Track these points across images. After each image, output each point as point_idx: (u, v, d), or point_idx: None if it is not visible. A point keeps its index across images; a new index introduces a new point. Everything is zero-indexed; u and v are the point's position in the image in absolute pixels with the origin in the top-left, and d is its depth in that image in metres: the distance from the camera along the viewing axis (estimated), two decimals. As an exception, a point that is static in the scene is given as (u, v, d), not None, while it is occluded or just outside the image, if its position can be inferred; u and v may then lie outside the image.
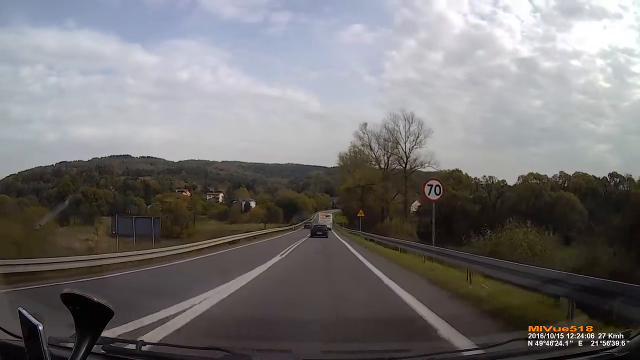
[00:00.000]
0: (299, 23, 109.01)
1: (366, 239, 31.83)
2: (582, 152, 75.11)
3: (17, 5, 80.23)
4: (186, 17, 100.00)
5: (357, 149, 57.87)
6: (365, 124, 55.97)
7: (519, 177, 55.44)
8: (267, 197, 74.58)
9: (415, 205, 53.18)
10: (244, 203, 72.26)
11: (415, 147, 52.74)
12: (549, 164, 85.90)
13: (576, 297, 5.22)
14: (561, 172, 55.15)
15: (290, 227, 55.91)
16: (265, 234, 38.05)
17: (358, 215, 42.08)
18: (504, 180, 56.76)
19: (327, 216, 57.08)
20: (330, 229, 45.70)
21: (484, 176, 57.74)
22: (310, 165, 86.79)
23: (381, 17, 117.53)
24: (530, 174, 54.50)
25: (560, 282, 5.77)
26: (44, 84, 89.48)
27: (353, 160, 59.29)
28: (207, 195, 74.74)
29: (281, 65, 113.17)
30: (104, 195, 60.96)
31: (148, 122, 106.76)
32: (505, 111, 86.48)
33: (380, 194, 53.22)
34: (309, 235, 35.68)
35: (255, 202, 72.03)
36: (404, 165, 53.98)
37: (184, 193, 68.02)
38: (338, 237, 39.28)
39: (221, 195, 75.29)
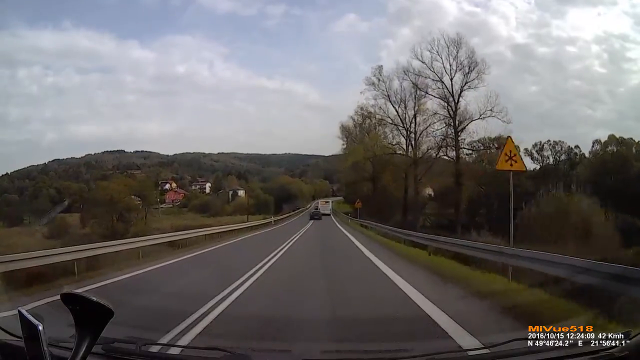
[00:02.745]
0: (293, 15, 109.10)
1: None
2: (582, 138, 74.69)
3: (13, 7, 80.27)
4: (182, 13, 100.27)
5: (365, 112, 41.92)
6: (381, 67, 39.43)
7: (594, 143, 41.48)
8: (258, 184, 68.30)
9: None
10: (230, 192, 65.43)
11: (465, 87, 35.42)
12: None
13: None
14: (630, 138, 41.33)
15: (271, 221, 39.65)
16: (217, 233, 22.20)
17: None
18: (577, 147, 42.01)
19: (326, 202, 58.06)
20: (329, 214, 49.83)
21: (549, 141, 42.26)
22: (308, 155, 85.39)
23: (375, 6, 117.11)
24: (612, 136, 39.92)
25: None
26: (41, 84, 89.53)
27: (361, 127, 44.48)
28: (193, 185, 70.82)
29: (279, 57, 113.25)
30: (78, 191, 58.45)
31: (144, 117, 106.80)
32: (503, 98, 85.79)
33: (404, 170, 37.94)
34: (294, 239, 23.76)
35: (245, 191, 64.85)
36: (451, 113, 35.87)
37: (167, 185, 66.07)
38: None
39: (208, 185, 70.97)
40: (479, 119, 34.66)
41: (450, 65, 35.98)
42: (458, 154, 36.35)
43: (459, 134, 36.01)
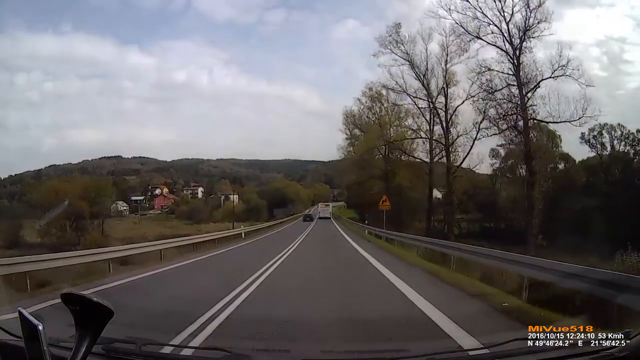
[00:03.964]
0: (293, 21, 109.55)
1: None
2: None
3: (12, 11, 79.94)
4: (182, 19, 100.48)
5: (375, 93, 34.88)
6: (398, 25, 30.90)
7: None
8: (253, 188, 65.44)
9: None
10: (222, 197, 61.81)
11: (526, 37, 25.95)
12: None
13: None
14: None
15: (241, 233, 27.50)
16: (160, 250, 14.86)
17: None
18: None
19: (326, 206, 58.72)
20: (329, 218, 48.86)
21: (606, 125, 33.00)
22: (307, 161, 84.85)
23: (375, 12, 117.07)
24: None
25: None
26: (40, 89, 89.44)
27: (370, 112, 37.03)
28: (185, 190, 68.63)
29: (279, 63, 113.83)
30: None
31: (144, 123, 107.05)
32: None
33: (428, 166, 31.20)
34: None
35: (238, 195, 61.59)
36: (513, 68, 26.03)
37: (158, 190, 64.41)
38: None
39: (200, 189, 68.55)
40: (550, 77, 25.17)
41: (502, 4, 26.34)
42: (527, 127, 25.98)
43: (526, 98, 25.94)
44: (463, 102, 29.47)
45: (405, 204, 33.79)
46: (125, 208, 58.93)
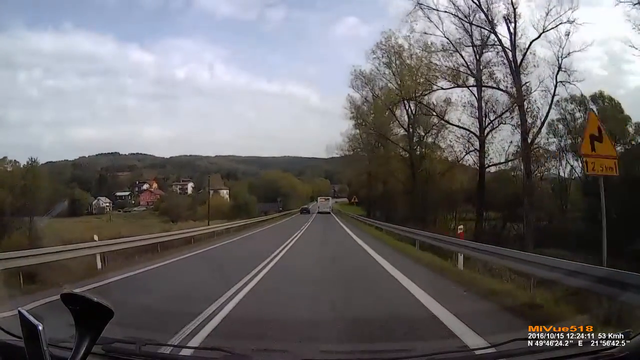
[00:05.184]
0: (293, 18, 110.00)
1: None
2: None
3: (13, 8, 79.88)
4: (182, 16, 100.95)
5: (395, 46, 27.25)
6: None
7: None
8: (244, 182, 63.21)
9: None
10: (211, 193, 56.06)
11: None
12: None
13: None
14: None
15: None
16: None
17: None
18: None
19: (326, 200, 58.44)
20: (328, 212, 49.11)
21: None
22: (307, 157, 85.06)
23: (376, 10, 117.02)
24: None
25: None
26: (40, 87, 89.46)
27: (389, 70, 28.74)
28: (174, 186, 66.50)
29: (279, 61, 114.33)
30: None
31: (143, 121, 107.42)
32: (503, 96, 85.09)
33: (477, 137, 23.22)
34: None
35: (229, 190, 59.91)
36: None
37: (145, 185, 63.39)
38: None
39: (190, 185, 66.29)
40: None
41: None
42: None
43: None
44: (540, 35, 20.51)
45: (434, 197, 26.31)
46: (107, 204, 58.12)
